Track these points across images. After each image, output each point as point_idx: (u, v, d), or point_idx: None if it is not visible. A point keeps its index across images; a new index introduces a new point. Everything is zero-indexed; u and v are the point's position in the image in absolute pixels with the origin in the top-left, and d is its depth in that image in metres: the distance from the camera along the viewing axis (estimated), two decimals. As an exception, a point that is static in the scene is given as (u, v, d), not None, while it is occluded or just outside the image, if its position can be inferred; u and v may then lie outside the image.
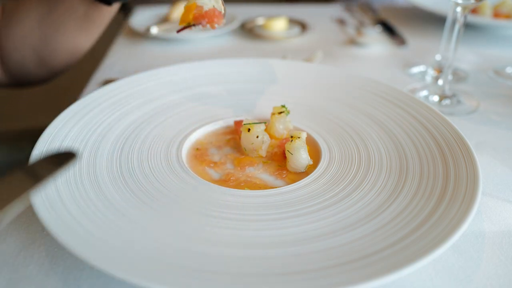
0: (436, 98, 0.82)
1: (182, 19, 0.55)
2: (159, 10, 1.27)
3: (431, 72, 0.94)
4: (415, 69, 0.97)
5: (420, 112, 0.64)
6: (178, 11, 1.19)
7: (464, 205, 0.45)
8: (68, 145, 0.55)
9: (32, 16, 0.75)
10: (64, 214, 0.44)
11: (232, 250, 0.42)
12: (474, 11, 1.21)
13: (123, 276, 0.37)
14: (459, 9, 0.73)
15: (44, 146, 0.54)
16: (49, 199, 0.45)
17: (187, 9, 0.55)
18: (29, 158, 0.51)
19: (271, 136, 0.63)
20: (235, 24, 1.15)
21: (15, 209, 0.33)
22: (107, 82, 0.82)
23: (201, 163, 0.58)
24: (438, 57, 0.95)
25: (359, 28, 1.19)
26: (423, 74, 0.95)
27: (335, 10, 1.39)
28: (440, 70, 0.92)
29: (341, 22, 1.27)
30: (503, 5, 1.21)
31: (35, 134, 0.57)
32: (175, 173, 0.54)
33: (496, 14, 1.21)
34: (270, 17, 1.20)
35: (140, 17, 1.22)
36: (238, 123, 0.63)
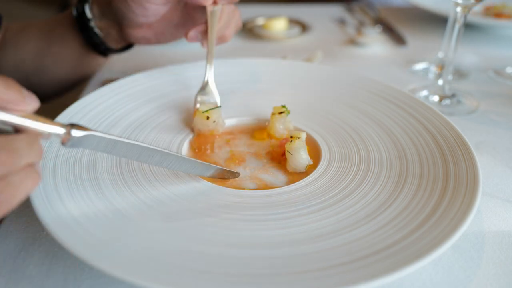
0: (436, 98, 0.82)
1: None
2: (159, 10, 1.26)
3: (433, 69, 0.94)
4: (418, 66, 0.97)
5: (420, 112, 0.63)
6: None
7: (464, 205, 0.45)
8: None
9: (31, 46, 0.77)
10: (64, 214, 0.44)
11: (232, 250, 0.42)
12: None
13: (123, 276, 0.37)
14: (459, 9, 0.73)
15: (44, 146, 0.54)
16: (49, 199, 0.45)
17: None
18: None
19: (271, 136, 0.63)
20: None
21: None
22: (107, 82, 0.82)
23: (201, 163, 0.58)
24: (440, 54, 0.95)
25: (359, 28, 1.19)
26: (425, 71, 0.95)
27: (335, 10, 1.39)
28: (442, 67, 0.92)
29: (341, 22, 1.27)
30: (504, 6, 1.21)
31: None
32: (175, 173, 0.54)
33: (497, 15, 1.21)
34: (270, 17, 1.20)
35: (140, 17, 1.22)
36: None
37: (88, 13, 0.71)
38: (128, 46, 0.79)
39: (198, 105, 0.65)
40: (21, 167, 0.35)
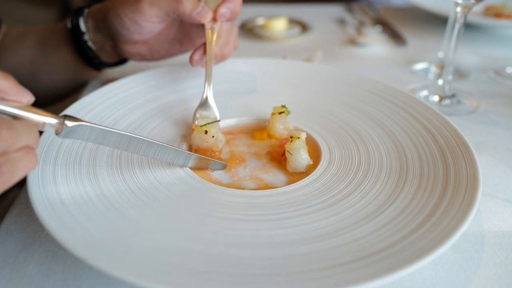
0: (436, 98, 0.82)
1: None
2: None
3: (433, 69, 0.94)
4: (418, 66, 0.97)
5: (420, 112, 0.63)
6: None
7: (464, 205, 0.45)
8: (68, 145, 0.55)
9: (27, 53, 0.77)
10: (64, 214, 0.44)
11: (232, 250, 0.42)
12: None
13: (123, 276, 0.37)
14: (459, 9, 0.73)
15: (44, 145, 0.54)
16: (49, 199, 0.45)
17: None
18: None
19: (271, 136, 0.63)
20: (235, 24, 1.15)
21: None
22: (107, 82, 0.82)
23: (201, 163, 0.58)
24: (440, 54, 0.95)
25: (359, 28, 1.19)
26: (425, 71, 0.95)
27: (335, 10, 1.39)
28: (442, 67, 0.93)
29: (341, 22, 1.27)
30: (504, 6, 1.21)
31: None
32: (174, 173, 0.54)
33: (497, 15, 1.21)
34: (270, 17, 1.20)
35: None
36: None
37: (83, 26, 0.71)
38: (122, 61, 0.78)
39: (197, 122, 0.62)
40: (20, 147, 0.38)
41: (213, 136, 0.58)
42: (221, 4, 0.64)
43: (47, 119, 0.41)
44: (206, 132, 0.58)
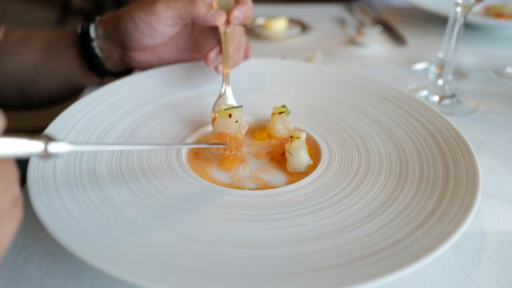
0: (436, 98, 0.82)
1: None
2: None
3: (433, 69, 0.94)
4: (418, 66, 0.97)
5: (420, 112, 0.63)
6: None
7: (464, 205, 0.45)
8: (68, 145, 0.55)
9: (30, 57, 0.77)
10: (64, 214, 0.44)
11: (232, 250, 0.42)
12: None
13: (123, 276, 0.37)
14: (459, 9, 0.73)
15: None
16: (49, 199, 0.45)
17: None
18: (29, 158, 0.51)
19: (271, 136, 0.63)
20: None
21: None
22: (107, 82, 0.82)
23: (201, 163, 0.58)
24: (440, 54, 0.95)
25: (359, 28, 1.19)
26: (425, 71, 0.95)
27: (335, 10, 1.39)
28: (442, 67, 0.93)
29: (341, 22, 1.27)
30: (504, 6, 1.21)
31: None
32: (175, 173, 0.54)
33: (497, 15, 1.21)
34: (270, 17, 1.20)
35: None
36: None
37: (92, 33, 0.71)
38: (126, 71, 0.78)
39: (216, 110, 0.62)
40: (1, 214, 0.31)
41: (236, 121, 0.57)
42: (234, 8, 0.65)
43: (27, 150, 0.32)
44: (230, 115, 0.56)
